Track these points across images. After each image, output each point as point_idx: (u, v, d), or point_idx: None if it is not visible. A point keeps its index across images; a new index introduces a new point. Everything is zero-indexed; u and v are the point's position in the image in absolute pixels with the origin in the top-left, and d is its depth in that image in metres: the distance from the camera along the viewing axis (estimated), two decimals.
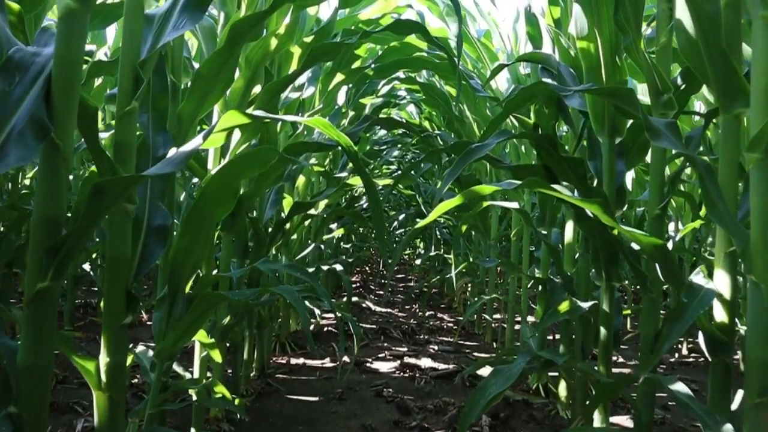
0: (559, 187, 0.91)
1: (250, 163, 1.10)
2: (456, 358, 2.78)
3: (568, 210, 1.95)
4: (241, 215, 1.70)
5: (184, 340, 1.13)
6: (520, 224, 2.76)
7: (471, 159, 1.12)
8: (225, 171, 1.10)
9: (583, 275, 1.73)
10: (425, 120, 4.88)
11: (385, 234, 1.07)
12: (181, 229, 1.12)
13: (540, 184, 0.90)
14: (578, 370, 1.39)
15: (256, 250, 1.95)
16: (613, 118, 1.48)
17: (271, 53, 1.68)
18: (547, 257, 2.14)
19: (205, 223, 1.14)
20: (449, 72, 2.15)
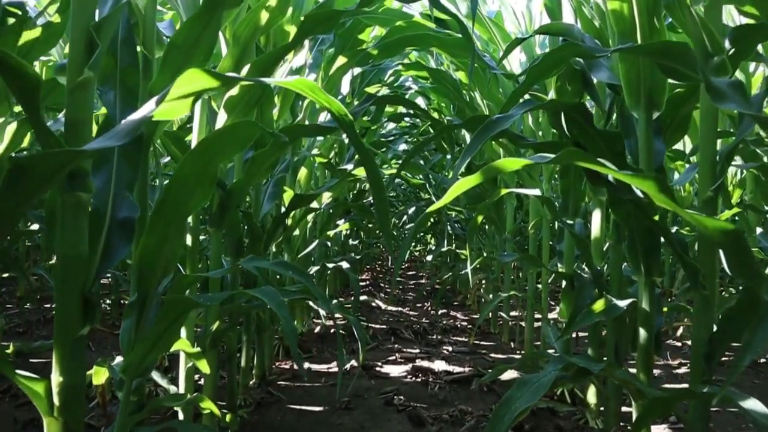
0: (606, 162, 0.73)
1: (228, 142, 0.93)
2: (472, 360, 2.59)
3: (595, 198, 1.77)
4: (230, 208, 1.53)
5: (156, 353, 0.96)
6: (538, 215, 2.57)
7: (491, 133, 0.94)
8: (198, 152, 0.93)
9: (615, 269, 1.55)
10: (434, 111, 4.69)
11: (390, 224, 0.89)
12: (150, 222, 0.95)
13: (580, 157, 0.72)
14: (619, 380, 1.20)
15: (251, 248, 1.78)
16: (651, 89, 1.29)
17: (261, 28, 1.50)
18: (570, 250, 1.95)
19: (177, 216, 0.97)
20: (460, 49, 1.97)
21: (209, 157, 0.94)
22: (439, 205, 0.70)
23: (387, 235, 0.89)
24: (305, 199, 2.09)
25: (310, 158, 2.64)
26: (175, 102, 0.70)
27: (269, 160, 1.49)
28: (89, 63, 0.87)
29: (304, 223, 2.57)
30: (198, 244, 1.35)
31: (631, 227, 1.27)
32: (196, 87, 0.68)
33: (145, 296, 0.99)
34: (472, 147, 0.91)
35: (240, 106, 1.37)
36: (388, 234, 0.88)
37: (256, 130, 0.90)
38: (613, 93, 1.58)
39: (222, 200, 1.52)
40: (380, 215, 0.85)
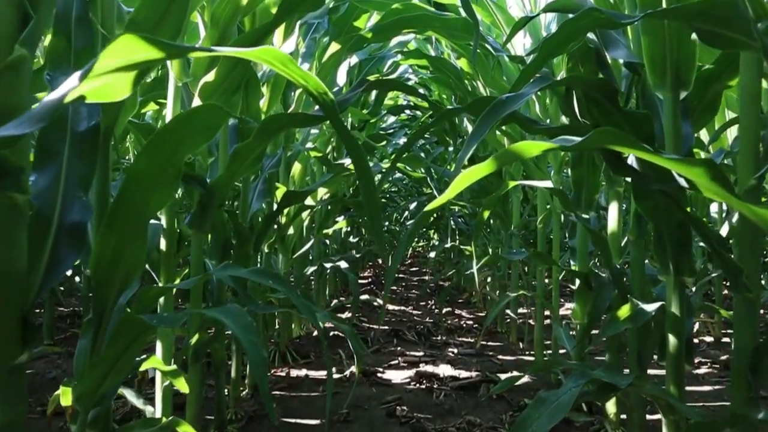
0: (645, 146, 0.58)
1: (191, 130, 0.79)
2: (478, 363, 2.46)
3: (611, 189, 1.62)
4: (212, 207, 1.39)
5: (112, 380, 0.82)
6: (546, 209, 2.43)
7: (500, 115, 0.79)
8: (156, 143, 0.79)
9: (637, 268, 1.40)
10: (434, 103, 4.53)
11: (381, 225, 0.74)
12: (103, 227, 0.81)
13: (616, 139, 0.58)
14: (648, 396, 1.06)
15: (238, 250, 1.65)
16: (678, 66, 1.15)
17: (243, 8, 1.36)
18: (584, 246, 1.81)
19: (136, 218, 0.83)
20: (462, 31, 1.83)
21: (171, 148, 0.80)
22: (442, 200, 0.57)
23: (378, 238, 0.75)
24: (298, 195, 1.95)
25: (304, 153, 2.50)
26: (108, 78, 0.56)
27: (254, 154, 1.35)
28: (21, 38, 0.73)
29: (299, 221, 2.43)
30: (174, 248, 1.21)
31: (659, 221, 1.12)
32: (131, 57, 0.54)
33: (101, 313, 0.85)
34: (478, 132, 0.77)
35: (217, 93, 1.22)
36: (379, 236, 0.74)
37: (221, 115, 0.76)
38: (631, 73, 1.43)
39: (203, 199, 1.38)
40: (371, 214, 0.72)
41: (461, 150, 0.76)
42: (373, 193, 0.71)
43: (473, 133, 0.78)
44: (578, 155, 1.79)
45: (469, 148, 0.76)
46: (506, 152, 0.57)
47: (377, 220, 0.71)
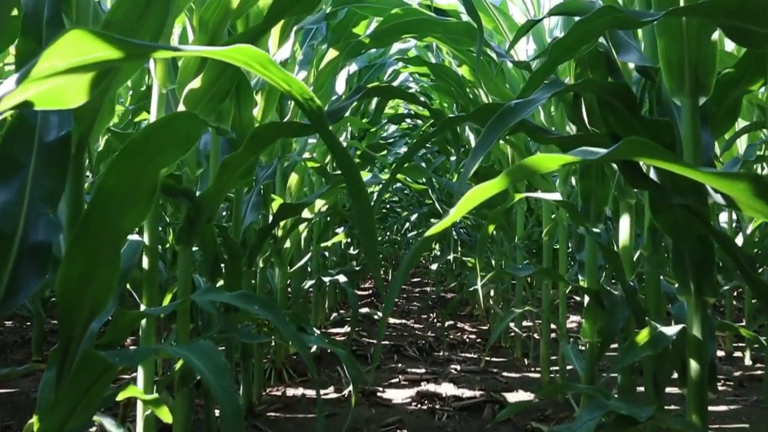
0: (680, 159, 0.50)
1: (165, 141, 0.71)
2: (482, 381, 2.36)
3: (622, 201, 1.54)
4: (200, 222, 1.31)
5: (78, 419, 0.74)
6: (552, 222, 2.34)
7: (510, 122, 0.71)
8: (128, 155, 0.71)
9: (652, 286, 1.32)
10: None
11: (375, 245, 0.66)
12: (69, 248, 0.73)
13: (646, 150, 0.50)
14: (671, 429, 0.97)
15: (230, 265, 1.57)
16: (698, 69, 1.07)
17: (233, 12, 1.29)
18: (593, 261, 1.72)
19: (108, 238, 0.75)
20: (464, 36, 1.76)
21: (144, 160, 0.72)
22: (447, 223, 0.49)
23: (373, 261, 0.66)
24: (294, 208, 1.87)
25: (301, 163, 2.42)
26: (59, 81, 0.49)
27: (244, 165, 1.27)
28: None
29: (296, 233, 2.35)
30: (157, 267, 1.13)
31: (678, 237, 1.04)
32: (83, 57, 0.46)
33: (68, 342, 0.77)
34: (486, 141, 0.69)
35: (204, 101, 1.15)
36: (373, 259, 0.66)
37: (199, 124, 0.68)
38: (643, 78, 1.36)
39: (190, 213, 1.30)
40: (363, 233, 0.63)
41: (467, 161, 0.68)
42: (367, 210, 0.63)
43: (479, 144, 0.70)
44: (587, 166, 1.71)
45: (475, 159, 0.68)
46: (520, 167, 0.49)
47: (371, 239, 0.63)
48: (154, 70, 1.15)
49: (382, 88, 1.22)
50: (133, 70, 0.92)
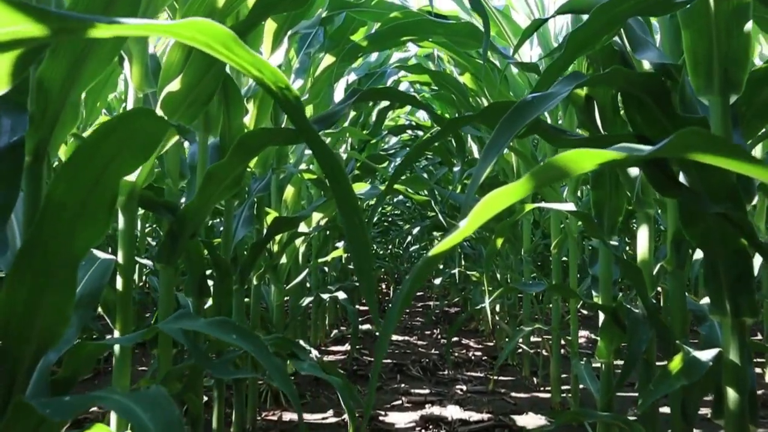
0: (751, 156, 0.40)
1: (122, 144, 0.60)
2: (490, 402, 2.24)
3: (640, 212, 1.43)
4: (183, 237, 1.20)
5: None
6: (561, 233, 2.23)
7: (527, 118, 0.61)
8: (79, 162, 0.61)
9: (677, 303, 1.20)
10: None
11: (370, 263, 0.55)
12: (12, 273, 0.62)
13: (709, 144, 0.39)
14: None
15: (219, 284, 1.46)
16: (727, 65, 0.97)
17: (219, 11, 1.19)
18: (608, 275, 1.61)
19: (58, 259, 0.64)
20: (466, 38, 1.66)
21: (98, 168, 0.62)
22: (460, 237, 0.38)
23: (365, 282, 0.55)
24: (289, 221, 1.77)
25: (298, 175, 2.32)
26: None
27: (231, 175, 1.17)
28: None
29: (293, 248, 2.25)
30: (131, 288, 1.02)
31: (712, 249, 0.93)
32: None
33: (11, 380, 0.66)
34: (500, 141, 0.59)
35: (184, 106, 1.04)
36: (366, 280, 0.55)
37: (159, 123, 0.57)
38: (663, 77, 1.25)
39: (172, 228, 1.20)
40: (354, 249, 0.53)
41: (475, 167, 0.58)
42: (357, 222, 0.52)
43: (491, 144, 0.60)
44: (599, 174, 1.61)
45: (486, 162, 0.58)
46: (549, 168, 0.39)
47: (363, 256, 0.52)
48: (130, 71, 1.05)
49: (379, 91, 1.12)
50: (100, 68, 0.82)
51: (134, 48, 1.06)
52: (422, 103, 1.11)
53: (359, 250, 0.53)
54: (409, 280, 0.40)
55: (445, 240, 0.38)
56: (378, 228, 5.48)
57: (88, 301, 0.87)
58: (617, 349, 1.55)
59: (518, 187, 0.38)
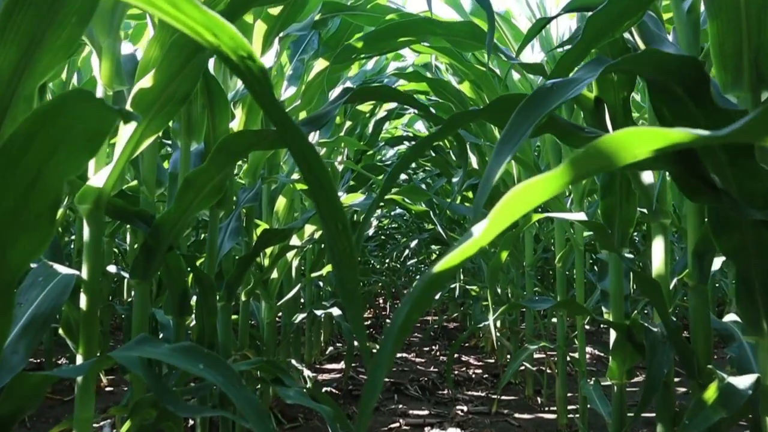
0: None
1: (61, 135, 0.50)
2: (492, 425, 2.13)
3: (655, 222, 1.33)
4: (160, 251, 1.10)
5: None
6: (566, 245, 2.13)
7: (549, 105, 0.51)
8: (9, 156, 0.50)
9: (701, 322, 1.10)
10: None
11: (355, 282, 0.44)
12: None
13: None
14: None
15: (202, 301, 1.35)
16: (758, 57, 0.88)
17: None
18: (618, 291, 1.51)
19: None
20: (466, 38, 1.57)
21: (34, 165, 0.52)
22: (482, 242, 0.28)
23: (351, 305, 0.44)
24: (278, 234, 1.66)
25: (290, 186, 2.22)
26: None
27: (211, 182, 1.07)
28: None
29: (285, 262, 2.14)
30: (97, 307, 0.91)
31: (747, 262, 0.83)
32: None
33: None
34: (516, 133, 0.49)
35: (158, 104, 0.94)
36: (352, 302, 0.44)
37: (102, 110, 0.47)
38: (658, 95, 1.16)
39: (147, 240, 1.09)
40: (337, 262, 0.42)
41: (490, 162, 0.48)
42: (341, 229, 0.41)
43: (505, 139, 0.50)
44: (609, 181, 1.51)
45: (499, 160, 0.48)
46: (593, 153, 0.28)
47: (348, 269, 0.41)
48: (99, 66, 0.96)
49: (373, 89, 1.03)
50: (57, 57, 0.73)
51: (104, 40, 0.97)
52: (419, 103, 1.02)
53: (343, 262, 0.43)
54: (408, 304, 0.30)
55: (455, 252, 0.28)
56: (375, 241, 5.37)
57: (41, 323, 0.77)
58: (630, 369, 1.45)
59: (554, 178, 0.28)
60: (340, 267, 0.44)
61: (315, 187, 0.44)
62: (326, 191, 0.43)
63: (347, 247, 0.43)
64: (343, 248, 0.43)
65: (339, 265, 0.44)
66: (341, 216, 0.43)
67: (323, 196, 0.43)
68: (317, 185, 0.43)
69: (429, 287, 0.29)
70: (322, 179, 0.43)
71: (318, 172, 0.43)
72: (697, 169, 0.72)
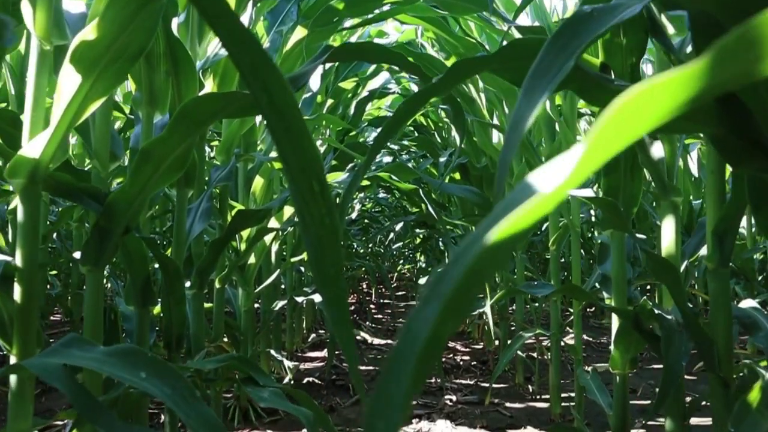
0: None
1: None
2: (483, 415, 2.03)
3: (665, 200, 1.22)
4: (115, 233, 0.96)
5: None
6: (560, 228, 2.03)
7: (591, 34, 0.39)
8: None
9: (721, 308, 0.99)
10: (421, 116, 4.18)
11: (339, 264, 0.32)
12: None
13: None
14: None
15: (168, 289, 1.22)
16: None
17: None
18: (621, 275, 1.40)
19: None
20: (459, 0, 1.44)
21: None
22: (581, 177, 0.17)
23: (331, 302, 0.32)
24: (253, 215, 1.53)
25: (268, 165, 2.08)
26: None
27: (172, 154, 0.93)
28: None
29: (263, 246, 2.01)
30: (35, 299, 0.77)
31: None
32: None
33: None
34: (553, 64, 0.36)
35: (104, 62, 0.80)
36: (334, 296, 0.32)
37: None
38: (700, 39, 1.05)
39: (99, 221, 0.95)
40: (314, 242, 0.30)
41: (517, 105, 0.35)
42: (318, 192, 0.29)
43: (536, 74, 0.38)
44: (613, 159, 1.40)
45: (532, 99, 0.36)
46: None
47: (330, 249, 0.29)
48: (32, 17, 0.81)
49: (356, 46, 0.90)
50: None
51: None
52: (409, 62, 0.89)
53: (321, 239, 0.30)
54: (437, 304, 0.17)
55: (526, 206, 0.16)
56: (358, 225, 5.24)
57: None
58: (634, 358, 1.35)
59: (693, 77, 0.16)
60: (316, 246, 0.31)
61: (278, 127, 0.31)
62: (295, 133, 0.30)
63: (325, 216, 0.30)
64: (320, 219, 0.31)
65: (315, 244, 0.31)
66: (317, 170, 0.30)
67: (289, 140, 0.31)
68: (281, 124, 0.30)
69: (476, 273, 0.17)
70: (289, 114, 0.30)
71: (283, 104, 0.30)
72: (747, 128, 0.60)
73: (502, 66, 0.58)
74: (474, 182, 2.82)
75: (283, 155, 0.32)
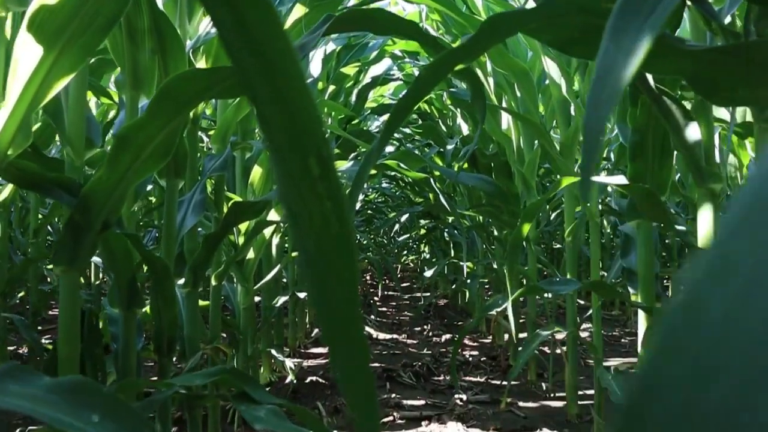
0: None
1: None
2: (496, 416, 1.93)
3: (702, 188, 1.11)
4: (91, 229, 0.85)
5: None
6: (575, 219, 1.92)
7: None
8: None
9: None
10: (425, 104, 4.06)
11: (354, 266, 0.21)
12: None
13: None
14: None
15: (156, 289, 1.11)
16: None
17: None
18: (649, 270, 1.29)
19: None
20: None
21: None
22: None
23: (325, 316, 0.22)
24: (250, 208, 1.42)
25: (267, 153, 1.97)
26: None
27: (154, 140, 0.83)
28: None
29: (262, 240, 1.90)
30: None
31: None
32: None
33: None
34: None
35: (70, 32, 0.69)
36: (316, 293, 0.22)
37: None
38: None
39: (74, 216, 0.85)
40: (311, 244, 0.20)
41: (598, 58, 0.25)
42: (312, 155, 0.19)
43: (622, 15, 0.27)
44: (640, 141, 1.29)
45: (621, 49, 0.25)
46: None
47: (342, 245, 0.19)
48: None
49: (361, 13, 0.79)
50: None
51: None
52: (425, 34, 0.78)
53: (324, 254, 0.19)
54: None
55: None
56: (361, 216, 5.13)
57: None
58: None
59: None
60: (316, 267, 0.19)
61: (250, 64, 0.19)
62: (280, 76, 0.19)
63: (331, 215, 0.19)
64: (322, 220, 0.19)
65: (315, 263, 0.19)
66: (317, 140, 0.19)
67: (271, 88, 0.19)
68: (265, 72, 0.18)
69: None
70: (270, 45, 0.19)
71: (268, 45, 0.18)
72: None
73: (549, 23, 0.47)
74: (482, 170, 2.71)
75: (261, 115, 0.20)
